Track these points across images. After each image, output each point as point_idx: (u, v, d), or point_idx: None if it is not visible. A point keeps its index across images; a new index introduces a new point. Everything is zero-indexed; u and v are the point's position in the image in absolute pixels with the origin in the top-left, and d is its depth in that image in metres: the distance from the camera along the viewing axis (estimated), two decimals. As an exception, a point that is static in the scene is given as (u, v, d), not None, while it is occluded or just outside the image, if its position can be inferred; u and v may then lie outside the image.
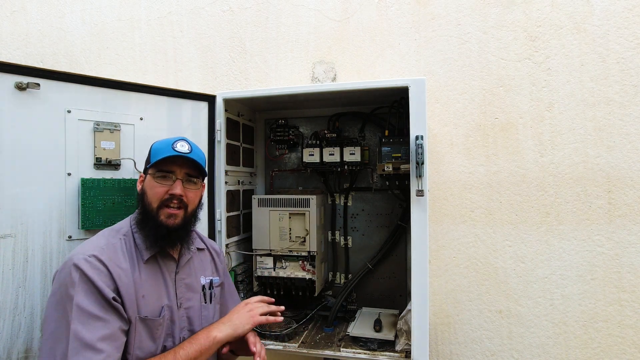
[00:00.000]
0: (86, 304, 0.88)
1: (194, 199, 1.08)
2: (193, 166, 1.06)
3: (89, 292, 0.90)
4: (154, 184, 1.03)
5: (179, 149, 1.03)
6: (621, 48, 1.52)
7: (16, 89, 1.11)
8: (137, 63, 2.00)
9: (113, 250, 0.98)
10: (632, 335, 1.51)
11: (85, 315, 0.88)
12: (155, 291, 1.02)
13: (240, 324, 1.07)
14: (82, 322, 0.87)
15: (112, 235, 1.03)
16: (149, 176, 1.05)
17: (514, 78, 1.62)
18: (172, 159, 1.03)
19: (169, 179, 1.04)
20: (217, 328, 1.04)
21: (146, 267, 1.02)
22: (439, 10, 1.69)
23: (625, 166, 1.52)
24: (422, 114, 1.24)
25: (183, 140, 1.06)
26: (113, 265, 0.95)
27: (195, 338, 1.01)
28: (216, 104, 1.49)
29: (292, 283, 1.61)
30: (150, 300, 1.00)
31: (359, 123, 1.74)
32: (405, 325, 1.34)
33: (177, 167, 1.04)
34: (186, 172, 1.06)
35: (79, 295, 0.88)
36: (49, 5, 2.04)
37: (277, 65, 1.88)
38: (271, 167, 1.88)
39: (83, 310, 0.88)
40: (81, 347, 0.85)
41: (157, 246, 1.04)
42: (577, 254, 1.56)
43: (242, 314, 1.09)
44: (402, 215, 1.66)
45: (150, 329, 0.99)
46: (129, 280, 0.97)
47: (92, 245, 0.97)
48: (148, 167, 1.06)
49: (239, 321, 1.07)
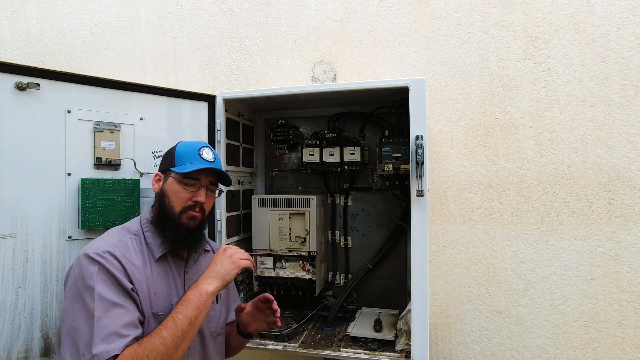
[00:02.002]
0: (107, 293, 0.89)
1: (210, 205, 1.12)
2: (217, 176, 1.11)
3: (108, 282, 0.91)
4: (179, 188, 1.05)
5: (205, 157, 1.07)
6: (621, 48, 1.52)
7: (16, 89, 1.11)
8: (137, 63, 2.00)
9: (125, 248, 0.99)
10: (632, 335, 1.51)
11: (107, 304, 0.88)
12: (166, 289, 1.04)
13: (225, 272, 1.03)
14: (105, 310, 0.88)
15: (123, 234, 1.03)
16: (173, 179, 1.06)
17: (514, 78, 1.62)
18: (202, 170, 1.06)
19: (194, 186, 1.06)
20: (205, 282, 1.00)
21: (157, 265, 1.03)
22: (439, 10, 1.69)
23: (625, 166, 1.52)
24: (422, 114, 1.24)
25: (208, 148, 1.11)
26: (126, 261, 0.96)
27: (187, 299, 0.96)
28: (216, 104, 1.49)
29: (292, 283, 1.61)
30: (161, 297, 1.01)
31: (359, 123, 1.74)
32: (405, 325, 1.34)
33: (203, 176, 1.08)
34: (210, 180, 1.09)
35: (99, 284, 0.89)
36: (49, 5, 2.04)
37: (277, 65, 1.88)
38: (271, 167, 1.88)
39: (104, 299, 0.89)
40: (106, 335, 0.86)
41: (174, 247, 1.05)
42: (577, 254, 1.56)
43: (224, 261, 1.05)
44: (402, 215, 1.66)
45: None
46: (141, 277, 0.98)
47: (104, 243, 0.98)
48: (172, 169, 1.06)
49: (224, 269, 1.03)
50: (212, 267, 1.04)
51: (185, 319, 0.93)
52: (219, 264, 1.04)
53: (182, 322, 0.92)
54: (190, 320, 0.93)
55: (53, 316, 1.16)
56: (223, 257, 1.05)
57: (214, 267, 1.04)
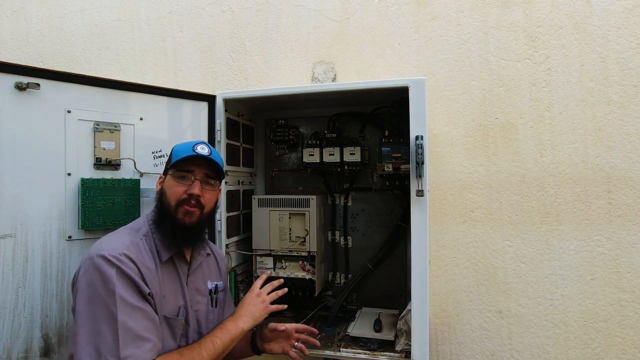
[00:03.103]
0: (128, 296, 0.90)
1: (210, 200, 1.10)
2: (211, 167, 1.09)
3: (127, 285, 0.91)
4: (173, 183, 1.05)
5: (199, 151, 1.06)
6: (621, 48, 1.52)
7: (16, 89, 1.11)
8: (137, 63, 2.00)
9: (138, 250, 0.99)
10: (632, 335, 1.51)
11: (129, 307, 0.89)
12: (173, 292, 1.04)
13: (259, 315, 1.15)
14: (128, 314, 0.89)
15: (133, 235, 1.03)
16: (169, 176, 1.07)
17: (514, 78, 1.62)
18: (191, 160, 1.05)
19: (187, 179, 1.06)
20: (241, 319, 1.11)
21: (164, 268, 1.03)
22: (439, 10, 1.69)
23: (625, 166, 1.52)
24: (422, 114, 1.24)
25: (203, 144, 1.09)
26: (141, 264, 0.96)
27: (225, 328, 1.07)
28: (216, 104, 1.49)
29: (292, 283, 1.61)
30: (169, 300, 1.02)
31: (359, 123, 1.74)
32: (405, 326, 1.33)
33: (196, 168, 1.07)
34: (205, 172, 1.08)
35: (119, 288, 0.90)
36: (49, 5, 2.04)
37: (277, 65, 1.88)
38: (271, 167, 1.88)
39: (126, 302, 0.89)
40: (131, 338, 0.87)
41: (174, 246, 1.05)
42: (577, 254, 1.56)
43: (257, 305, 1.17)
44: (402, 215, 1.65)
45: (172, 328, 1.01)
46: (154, 280, 0.98)
47: (117, 243, 0.97)
48: (168, 167, 1.08)
49: (257, 312, 1.15)
50: (246, 307, 1.16)
51: (221, 346, 1.03)
52: (252, 307, 1.16)
53: (218, 347, 1.02)
54: (225, 347, 1.04)
55: (53, 316, 1.16)
56: (257, 301, 1.18)
57: (248, 308, 1.15)
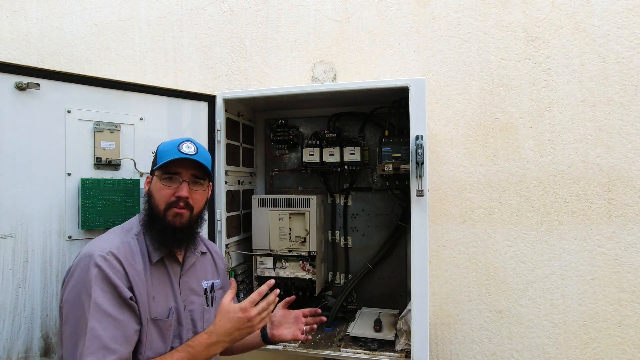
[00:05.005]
0: (104, 302, 0.89)
1: (200, 200, 1.08)
2: (199, 168, 1.06)
3: (106, 290, 0.90)
4: (160, 185, 1.03)
5: (184, 151, 1.03)
6: (621, 48, 1.52)
7: (16, 89, 1.10)
8: (137, 63, 2.00)
9: (129, 250, 0.98)
10: (632, 335, 1.51)
11: (101, 314, 0.88)
12: (164, 293, 1.03)
13: (236, 335, 0.99)
14: (99, 320, 0.88)
15: (124, 234, 1.02)
16: (156, 178, 1.05)
17: (514, 78, 1.62)
18: (178, 161, 1.02)
19: (175, 180, 1.04)
20: (213, 345, 0.97)
21: (154, 269, 1.03)
22: (439, 10, 1.69)
23: (625, 166, 1.52)
24: (422, 114, 1.24)
25: (189, 142, 1.06)
26: (128, 265, 0.96)
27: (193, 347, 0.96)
28: (216, 104, 1.49)
29: (292, 283, 1.61)
30: (159, 301, 1.01)
31: (359, 123, 1.74)
32: (405, 325, 1.34)
33: (183, 169, 1.04)
34: (192, 173, 1.06)
35: (96, 292, 0.89)
36: (49, 5, 2.04)
37: (277, 65, 1.88)
38: (271, 167, 1.88)
39: (100, 308, 0.88)
40: (96, 347, 0.86)
41: (165, 248, 1.04)
42: (577, 254, 1.56)
43: (242, 327, 0.99)
44: (402, 215, 1.65)
45: (161, 330, 1.00)
46: (141, 282, 0.97)
47: (108, 243, 0.97)
48: (154, 168, 1.06)
49: (235, 333, 0.99)
50: (225, 326, 0.98)
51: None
52: (237, 331, 0.99)
53: None
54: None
55: (53, 316, 1.16)
56: (241, 320, 0.98)
57: (228, 327, 0.98)
